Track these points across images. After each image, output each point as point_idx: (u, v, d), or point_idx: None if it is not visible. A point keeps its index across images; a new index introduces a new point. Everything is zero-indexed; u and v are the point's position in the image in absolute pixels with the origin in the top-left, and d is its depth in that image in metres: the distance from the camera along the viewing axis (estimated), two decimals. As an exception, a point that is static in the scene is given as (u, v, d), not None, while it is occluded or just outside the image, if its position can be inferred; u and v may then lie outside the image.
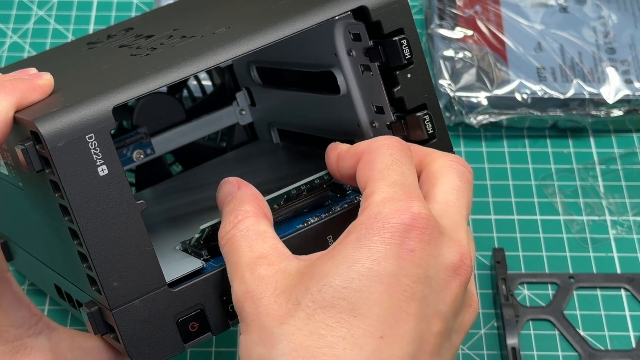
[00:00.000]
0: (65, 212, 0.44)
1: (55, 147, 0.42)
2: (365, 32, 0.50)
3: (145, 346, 0.45)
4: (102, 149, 0.43)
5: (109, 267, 0.44)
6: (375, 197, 0.44)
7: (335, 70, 0.53)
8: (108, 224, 0.44)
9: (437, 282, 0.43)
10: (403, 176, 0.45)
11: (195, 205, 0.57)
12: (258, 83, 0.62)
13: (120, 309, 0.44)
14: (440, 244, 0.44)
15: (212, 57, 0.46)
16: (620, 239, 0.67)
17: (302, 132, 0.60)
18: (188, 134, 0.63)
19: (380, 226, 0.43)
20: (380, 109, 0.51)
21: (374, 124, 0.53)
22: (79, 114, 0.43)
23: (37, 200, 0.48)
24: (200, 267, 0.47)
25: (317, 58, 0.54)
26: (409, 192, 0.44)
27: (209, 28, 0.51)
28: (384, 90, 0.50)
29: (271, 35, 0.47)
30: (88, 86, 0.47)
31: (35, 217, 0.49)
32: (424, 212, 0.43)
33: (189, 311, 0.46)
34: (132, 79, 0.45)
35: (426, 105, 0.50)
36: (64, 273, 0.50)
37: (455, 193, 0.47)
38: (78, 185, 0.43)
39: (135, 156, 0.61)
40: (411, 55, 0.49)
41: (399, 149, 0.46)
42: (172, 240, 0.51)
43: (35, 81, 0.46)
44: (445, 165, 0.47)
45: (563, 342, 0.62)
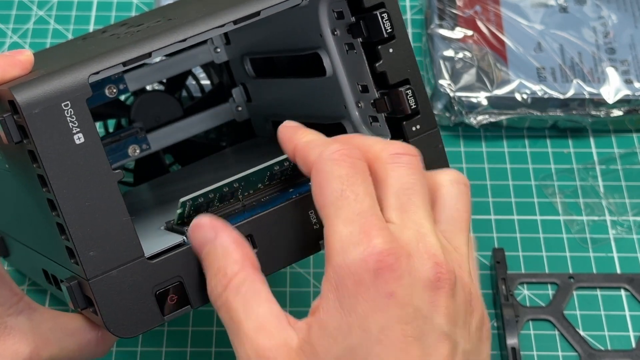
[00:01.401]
0: (43, 183, 0.44)
1: (30, 114, 0.43)
2: (347, 8, 0.50)
3: (123, 318, 0.45)
4: (78, 117, 0.43)
5: (86, 236, 0.44)
6: (334, 242, 0.43)
7: (322, 52, 0.53)
8: (84, 193, 0.44)
9: (425, 306, 0.43)
10: (357, 202, 0.44)
11: (186, 191, 0.57)
12: (252, 76, 0.62)
13: (97, 279, 0.44)
14: (412, 267, 0.43)
15: (191, 28, 0.46)
16: (620, 239, 0.67)
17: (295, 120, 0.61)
18: (184, 130, 0.63)
19: (353, 282, 0.42)
20: (365, 87, 0.52)
21: (359, 104, 0.53)
22: (56, 82, 0.43)
23: (20, 177, 0.48)
24: (181, 242, 0.47)
25: (304, 41, 0.54)
26: (367, 226, 0.43)
27: (196, 11, 0.51)
28: (367, 67, 0.51)
29: (250, 8, 0.47)
30: (68, 60, 0.47)
31: (21, 198, 0.50)
32: (386, 246, 0.42)
33: (167, 283, 0.46)
34: (110, 50, 0.45)
35: (409, 80, 0.50)
36: (49, 252, 0.50)
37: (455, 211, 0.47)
38: (54, 154, 0.43)
39: (130, 151, 0.61)
40: (393, 29, 0.49)
41: (348, 165, 0.44)
42: (158, 222, 0.51)
43: (16, 57, 0.47)
44: (444, 184, 0.47)
45: (563, 342, 0.62)
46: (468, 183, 0.48)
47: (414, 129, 0.51)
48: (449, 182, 0.48)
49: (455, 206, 0.47)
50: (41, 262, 0.52)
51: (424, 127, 0.51)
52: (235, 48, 0.62)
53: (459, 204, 0.47)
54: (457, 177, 0.48)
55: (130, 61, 0.45)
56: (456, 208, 0.47)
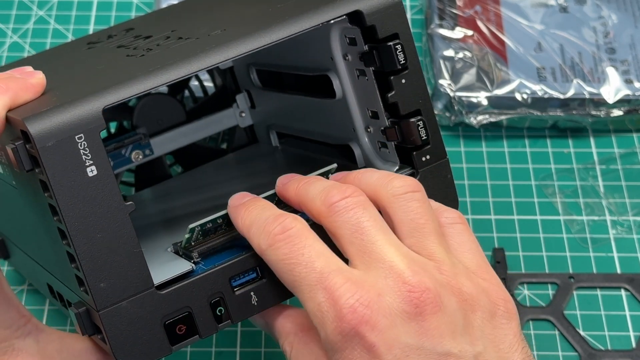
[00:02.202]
0: (54, 212, 0.44)
1: (44, 147, 0.42)
2: (360, 36, 0.50)
3: (132, 348, 0.45)
4: (92, 150, 0.43)
5: (97, 267, 0.44)
6: (313, 319, 0.44)
7: (332, 75, 0.53)
8: (96, 225, 0.44)
9: (413, 339, 0.43)
10: (309, 271, 0.44)
11: (191, 206, 0.57)
12: (258, 86, 0.62)
13: (106, 310, 0.44)
14: (384, 306, 0.43)
15: (205, 59, 0.46)
16: (620, 239, 0.67)
17: (300, 136, 0.60)
18: (187, 135, 0.63)
19: (340, 347, 0.43)
20: (375, 114, 0.51)
21: (368, 129, 0.53)
22: (69, 114, 0.43)
23: (29, 199, 0.48)
24: (190, 270, 0.47)
25: (314, 62, 0.54)
26: (329, 290, 0.43)
27: (206, 30, 0.51)
28: (378, 95, 0.50)
29: (265, 38, 0.47)
30: (80, 86, 0.47)
31: (28, 216, 0.50)
32: (352, 300, 0.42)
33: (176, 314, 0.46)
34: (123, 79, 0.45)
35: (420, 111, 0.50)
36: (55, 273, 0.50)
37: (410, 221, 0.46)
38: (66, 186, 0.43)
39: (134, 157, 0.61)
40: (406, 60, 0.49)
41: (285, 244, 0.45)
42: (164, 242, 0.51)
43: (28, 80, 0.46)
44: (389, 202, 0.46)
45: (563, 342, 0.62)
46: (412, 187, 0.47)
47: (424, 159, 0.51)
48: (393, 197, 0.46)
49: (408, 218, 0.46)
50: (45, 277, 0.52)
51: (434, 158, 0.51)
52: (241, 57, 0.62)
53: (409, 214, 0.46)
54: (398, 188, 0.47)
55: (143, 92, 0.45)
56: (410, 219, 0.46)
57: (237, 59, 0.62)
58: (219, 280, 0.47)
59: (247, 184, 0.58)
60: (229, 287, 0.47)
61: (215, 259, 0.48)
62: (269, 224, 0.45)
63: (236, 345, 0.61)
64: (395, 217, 0.46)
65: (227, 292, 0.47)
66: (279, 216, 0.45)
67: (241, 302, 0.47)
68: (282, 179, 0.49)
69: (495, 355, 0.44)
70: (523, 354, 0.45)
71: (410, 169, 0.51)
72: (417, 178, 0.51)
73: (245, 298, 0.47)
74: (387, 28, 0.49)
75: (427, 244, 0.45)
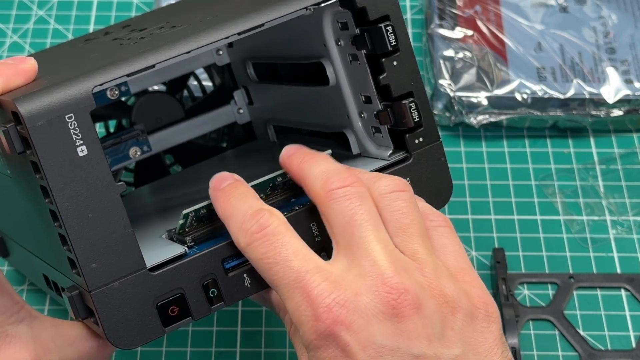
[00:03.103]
0: (45, 193, 0.44)
1: (34, 127, 0.43)
2: (352, 19, 0.50)
3: (124, 329, 0.45)
4: (82, 129, 0.43)
5: (88, 248, 0.44)
6: (294, 319, 0.44)
7: (325, 61, 0.53)
8: (87, 205, 0.44)
9: (389, 340, 0.43)
10: (287, 270, 0.44)
11: (187, 196, 0.57)
12: (254, 80, 0.62)
13: (98, 291, 0.45)
14: (361, 306, 0.43)
15: (195, 40, 0.46)
16: (620, 239, 0.67)
17: (296, 128, 0.60)
18: (185, 132, 0.63)
19: (315, 345, 0.43)
20: (368, 98, 0.51)
21: (362, 115, 0.53)
22: (59, 94, 0.43)
23: (23, 185, 0.48)
24: (182, 253, 0.47)
25: (308, 49, 0.54)
26: (306, 290, 0.43)
27: (199, 17, 0.51)
28: (371, 79, 0.50)
29: (255, 19, 0.47)
30: (72, 69, 0.47)
31: (23, 204, 0.50)
32: (328, 300, 0.43)
33: (168, 295, 0.46)
34: (114, 62, 0.45)
35: (412, 93, 0.50)
36: (50, 260, 0.50)
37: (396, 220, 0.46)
38: (57, 165, 0.43)
39: (131, 153, 0.61)
40: (397, 42, 0.49)
41: (262, 243, 0.45)
42: (159, 230, 0.51)
43: (19, 66, 0.47)
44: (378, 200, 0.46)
45: (563, 342, 0.62)
46: (399, 187, 0.46)
47: (417, 142, 0.51)
48: (380, 196, 0.46)
49: (393, 217, 0.46)
50: (42, 267, 0.52)
51: (427, 140, 0.51)
52: (237, 51, 0.62)
53: (395, 213, 0.46)
54: (385, 187, 0.47)
55: (134, 73, 0.45)
56: (395, 218, 0.46)
57: (235, 54, 0.62)
58: (211, 262, 0.47)
59: (243, 173, 0.58)
60: (222, 269, 0.47)
61: (209, 244, 0.48)
62: (246, 221, 0.45)
63: (236, 345, 0.61)
64: (382, 216, 0.46)
65: (219, 273, 0.47)
66: (257, 212, 0.45)
67: (234, 284, 0.47)
68: (287, 149, 0.49)
69: (474, 359, 0.44)
70: (502, 358, 0.45)
71: (403, 152, 0.51)
72: (411, 160, 0.51)
73: (238, 280, 0.47)
74: (378, 10, 0.49)
75: (411, 244, 0.45)
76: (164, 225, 0.51)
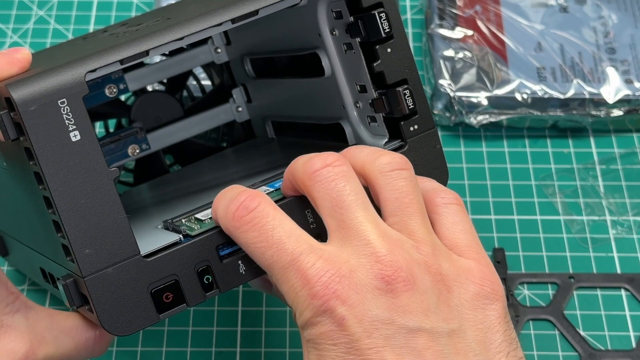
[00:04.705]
0: (39, 180, 0.44)
1: (26, 111, 0.43)
2: (345, 8, 0.50)
3: (118, 316, 0.45)
4: (75, 115, 0.43)
5: (81, 233, 0.44)
6: (290, 303, 0.44)
7: (320, 52, 0.53)
8: (80, 190, 0.44)
9: (383, 313, 0.42)
10: (281, 252, 0.44)
11: (185, 190, 0.57)
12: (252, 77, 0.62)
13: (92, 277, 0.45)
14: (356, 282, 0.43)
15: (188, 27, 0.46)
16: (620, 239, 0.67)
17: (294, 123, 0.60)
18: (184, 131, 0.63)
19: (311, 323, 0.43)
20: (363, 87, 0.52)
21: (358, 104, 0.53)
22: (52, 79, 0.43)
23: (18, 175, 0.48)
24: (177, 240, 0.47)
25: (303, 41, 0.54)
26: (301, 270, 0.43)
27: (194, 10, 0.51)
28: (365, 67, 0.51)
29: (248, 7, 0.47)
30: (66, 58, 0.47)
31: (18, 196, 0.50)
32: (325, 277, 0.42)
33: (163, 281, 0.46)
34: (107, 49, 0.45)
35: (407, 80, 0.50)
36: (46, 251, 0.50)
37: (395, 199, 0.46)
38: (50, 151, 0.43)
39: (130, 151, 0.61)
40: (390, 29, 0.49)
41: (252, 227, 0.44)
42: (155, 221, 0.51)
43: (13, 55, 0.47)
44: (376, 179, 0.46)
45: (563, 342, 0.62)
46: (400, 165, 0.46)
47: (412, 129, 0.51)
48: (379, 174, 0.46)
49: (393, 196, 0.45)
50: (39, 261, 0.52)
51: (422, 127, 0.51)
52: (235, 48, 0.62)
53: (395, 192, 0.45)
54: (385, 165, 0.46)
55: (128, 59, 0.45)
56: (395, 197, 0.45)
57: (233, 51, 0.63)
58: (206, 249, 0.47)
59: (240, 167, 0.58)
60: (217, 256, 0.47)
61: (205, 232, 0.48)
62: (231, 204, 0.45)
63: (236, 345, 0.61)
64: (381, 195, 0.46)
65: (214, 260, 0.47)
66: (240, 194, 0.45)
67: (229, 270, 0.47)
68: None
69: (473, 335, 0.44)
70: (505, 336, 0.45)
71: (399, 141, 0.51)
72: (406, 148, 0.51)
73: (233, 267, 0.47)
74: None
75: (409, 223, 0.45)
76: (160, 217, 0.51)
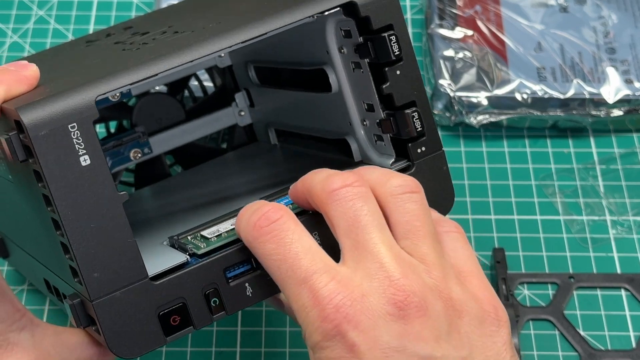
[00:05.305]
0: (47, 202, 0.44)
1: (37, 136, 0.42)
2: (355, 28, 0.50)
3: (126, 338, 0.45)
4: (85, 139, 0.43)
5: (90, 257, 0.44)
6: (299, 320, 0.44)
7: (327, 68, 0.53)
8: (89, 214, 0.44)
9: (395, 340, 0.42)
10: (295, 269, 0.43)
11: (188, 201, 0.57)
12: (256, 83, 0.62)
13: (100, 300, 0.44)
14: (368, 307, 0.42)
15: (198, 49, 0.46)
16: (620, 239, 0.67)
17: (298, 133, 0.60)
18: (186, 134, 0.63)
19: (322, 346, 0.43)
20: (370, 106, 0.51)
21: (364, 122, 0.53)
22: (62, 103, 0.43)
23: (25, 192, 0.48)
24: (184, 262, 0.47)
25: (310, 56, 0.54)
26: (313, 289, 0.43)
27: (201, 24, 0.51)
28: (373, 87, 0.50)
29: (258, 29, 0.47)
30: (74, 77, 0.47)
31: (24, 210, 0.50)
32: (334, 300, 0.42)
33: (170, 304, 0.46)
34: (117, 70, 0.45)
35: (415, 102, 0.50)
36: (51, 266, 0.50)
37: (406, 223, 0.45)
38: (60, 175, 0.43)
39: (132, 155, 0.61)
40: (400, 51, 0.49)
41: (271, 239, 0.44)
42: (160, 236, 0.51)
43: (21, 72, 0.46)
44: (388, 200, 0.46)
45: (563, 342, 0.62)
46: (411, 188, 0.46)
47: (419, 151, 0.51)
48: (391, 197, 0.46)
49: (404, 219, 0.45)
50: (42, 272, 0.52)
51: (430, 149, 0.51)
52: (239, 54, 0.62)
53: (406, 215, 0.45)
54: (397, 187, 0.46)
55: (136, 82, 0.45)
56: (406, 220, 0.45)
57: (236, 56, 0.62)
58: (213, 271, 0.47)
59: (244, 178, 0.58)
60: (224, 278, 0.47)
61: (211, 252, 0.48)
62: (253, 215, 0.45)
63: (236, 345, 0.61)
64: (392, 217, 0.45)
65: (221, 283, 0.47)
66: (264, 205, 0.45)
67: (236, 293, 0.47)
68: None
69: None
70: None
71: (405, 161, 0.51)
72: (413, 170, 0.51)
73: (240, 289, 0.47)
74: (382, 19, 0.49)
75: (420, 247, 0.45)
76: (165, 231, 0.51)
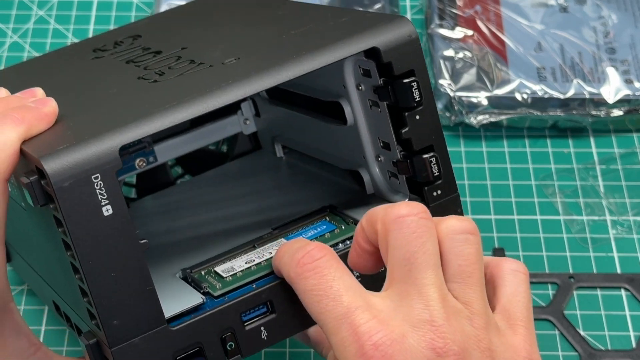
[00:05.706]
0: (67, 247, 0.44)
1: (61, 187, 0.42)
2: (375, 70, 0.49)
3: None
4: (108, 189, 0.43)
5: (110, 306, 0.43)
6: (332, 343, 0.43)
7: (343, 102, 0.52)
8: (110, 263, 0.43)
9: None
10: (337, 304, 0.43)
11: (197, 227, 0.56)
12: (264, 97, 0.61)
13: (119, 347, 0.44)
14: (407, 348, 0.42)
15: (222, 96, 0.45)
16: (620, 239, 0.67)
17: (306, 153, 0.60)
18: (191, 142, 0.63)
19: None
20: (386, 145, 0.51)
21: (379, 158, 0.52)
22: (85, 152, 0.42)
23: (41, 227, 0.47)
24: (200, 303, 0.47)
25: (326, 88, 0.53)
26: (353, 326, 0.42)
27: (218, 55, 0.50)
28: (391, 128, 0.50)
29: (282, 74, 0.46)
30: (95, 117, 0.47)
31: (38, 237, 0.49)
32: (374, 338, 0.42)
33: (187, 349, 0.46)
34: (139, 116, 0.44)
35: (433, 147, 0.49)
36: (64, 296, 0.50)
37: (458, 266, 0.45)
38: (82, 225, 0.42)
39: (137, 164, 0.61)
40: (421, 97, 0.48)
41: (313, 275, 0.44)
42: (172, 266, 0.51)
43: (42, 110, 0.46)
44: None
45: (563, 342, 0.62)
46: (469, 230, 0.45)
47: (435, 194, 0.50)
48: (448, 235, 0.45)
49: (457, 262, 0.44)
50: (52, 295, 0.52)
51: (445, 192, 0.50)
52: None
53: (460, 258, 0.44)
54: (456, 227, 0.45)
55: (160, 130, 0.44)
56: (459, 263, 0.44)
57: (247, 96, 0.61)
58: (229, 316, 0.47)
59: (254, 204, 0.57)
60: (240, 322, 0.47)
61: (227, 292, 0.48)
62: (297, 252, 0.45)
63: (236, 345, 0.61)
64: (445, 256, 0.45)
65: (237, 327, 0.47)
66: (307, 244, 0.45)
67: (251, 336, 0.47)
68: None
69: None
70: None
71: (419, 200, 0.50)
72: None
73: (255, 333, 0.47)
74: (404, 65, 0.48)
75: (468, 292, 0.44)
76: (176, 259, 0.51)
